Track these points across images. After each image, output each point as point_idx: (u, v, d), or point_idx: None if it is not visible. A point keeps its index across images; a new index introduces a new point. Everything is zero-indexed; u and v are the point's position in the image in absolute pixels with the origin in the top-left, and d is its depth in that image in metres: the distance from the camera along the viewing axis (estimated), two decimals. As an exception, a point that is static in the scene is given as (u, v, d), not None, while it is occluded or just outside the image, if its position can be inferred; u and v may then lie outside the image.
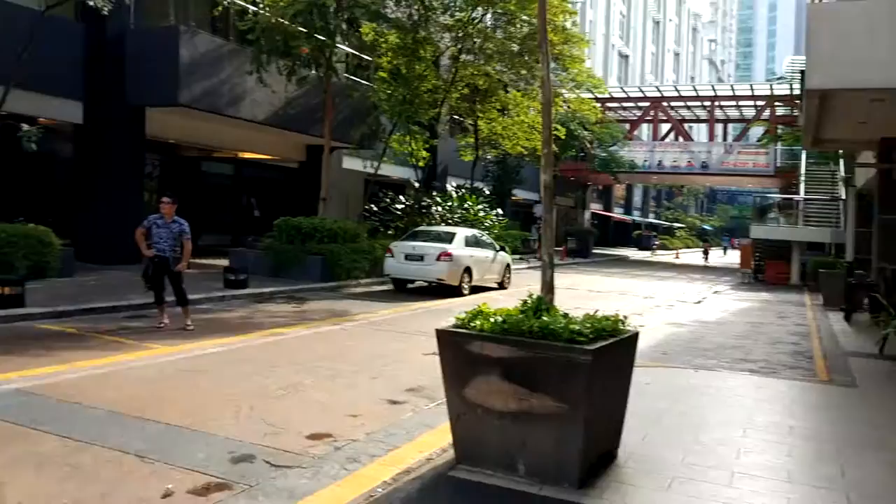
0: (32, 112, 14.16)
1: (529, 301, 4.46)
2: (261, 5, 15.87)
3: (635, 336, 4.65)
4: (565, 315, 4.35)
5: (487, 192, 25.59)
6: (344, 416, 5.56)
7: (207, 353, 7.82)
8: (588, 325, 4.22)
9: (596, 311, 4.53)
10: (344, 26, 16.86)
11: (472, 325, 4.33)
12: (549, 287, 4.97)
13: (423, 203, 21.79)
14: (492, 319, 4.32)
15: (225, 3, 16.44)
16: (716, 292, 19.86)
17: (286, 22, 15.31)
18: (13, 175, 14.70)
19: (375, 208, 21.32)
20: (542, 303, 4.48)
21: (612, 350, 4.23)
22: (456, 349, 4.30)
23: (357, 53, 20.25)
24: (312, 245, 15.47)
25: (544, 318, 4.21)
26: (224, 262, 15.44)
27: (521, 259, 25.91)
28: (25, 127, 12.57)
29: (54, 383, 6.13)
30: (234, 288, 12.66)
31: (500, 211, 24.20)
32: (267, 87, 15.95)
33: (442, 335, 4.38)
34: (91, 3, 12.65)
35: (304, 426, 5.23)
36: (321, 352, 8.27)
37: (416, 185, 23.57)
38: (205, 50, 16.13)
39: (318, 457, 4.60)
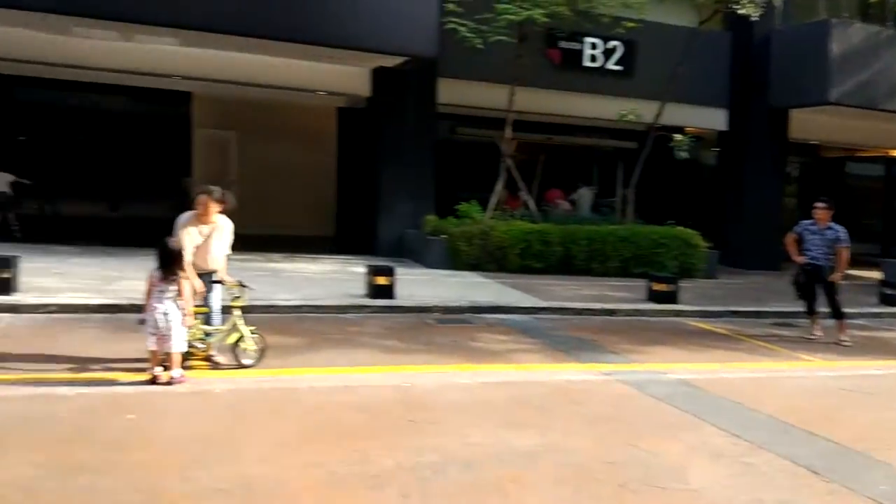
0: (681, 122, 15.32)
1: None
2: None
3: None
4: None
5: None
6: None
7: (870, 373, 7.02)
8: None
9: None
10: None
11: None
12: None
13: None
14: None
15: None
16: None
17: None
18: (664, 181, 16.21)
19: None
20: None
21: None
22: None
23: None
24: None
25: None
26: (874, 274, 13.78)
27: None
28: (678, 137, 13.70)
29: (712, 379, 6.38)
30: (891, 305, 11.13)
31: None
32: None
33: None
34: (741, 12, 12.93)
35: None
36: None
37: None
38: (857, 41, 14.69)
39: None
